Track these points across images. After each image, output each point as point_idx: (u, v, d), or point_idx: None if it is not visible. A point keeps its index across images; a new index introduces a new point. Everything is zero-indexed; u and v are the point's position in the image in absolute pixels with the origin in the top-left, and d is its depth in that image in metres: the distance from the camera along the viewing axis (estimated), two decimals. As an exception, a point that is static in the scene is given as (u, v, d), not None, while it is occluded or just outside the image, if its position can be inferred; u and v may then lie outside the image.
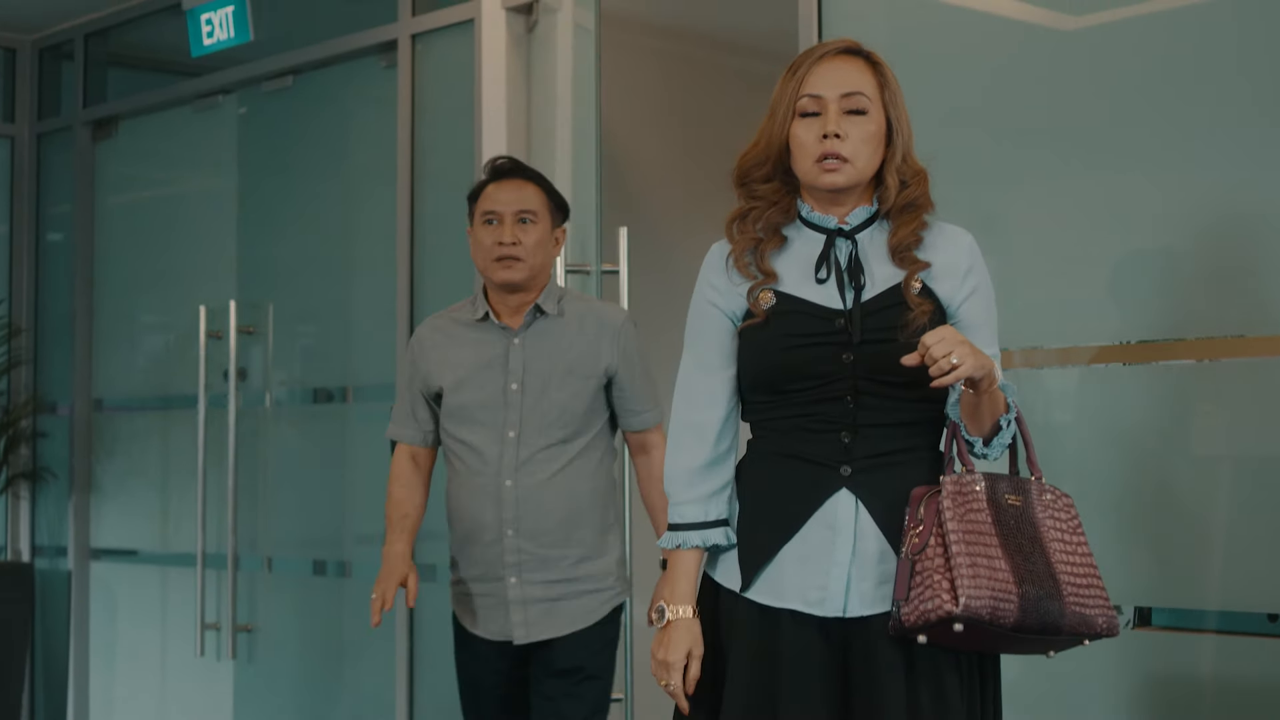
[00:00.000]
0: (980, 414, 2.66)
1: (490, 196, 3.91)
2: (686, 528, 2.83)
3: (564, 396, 3.85)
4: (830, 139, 2.71)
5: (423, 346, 3.99)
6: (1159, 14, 3.67)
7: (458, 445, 3.90)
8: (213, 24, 6.22)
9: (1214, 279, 3.54)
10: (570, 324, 3.89)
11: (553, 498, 3.84)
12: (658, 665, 2.81)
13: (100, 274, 7.02)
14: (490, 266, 3.87)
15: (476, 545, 3.88)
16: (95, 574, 6.99)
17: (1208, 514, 3.58)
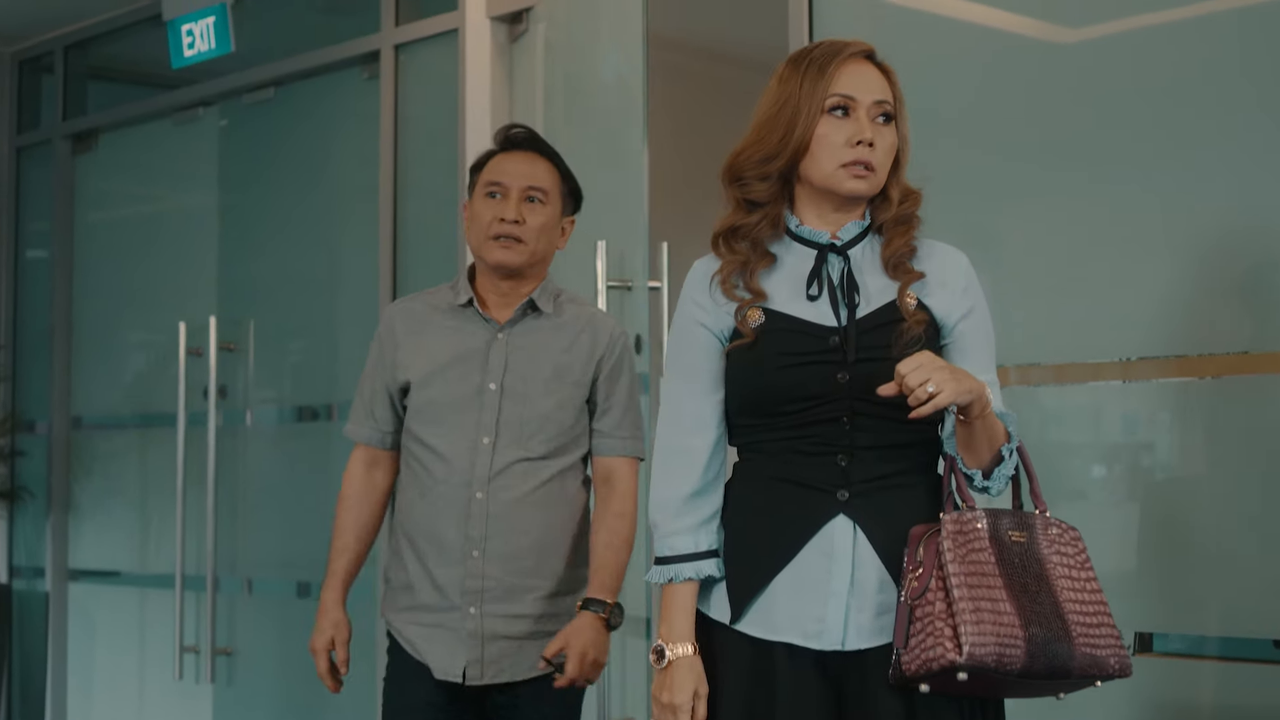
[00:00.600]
0: (976, 444, 2.57)
1: (497, 167, 3.50)
2: (677, 560, 2.70)
3: (548, 404, 3.44)
4: (864, 146, 2.63)
5: (391, 332, 3.54)
6: (1157, 27, 3.63)
7: (421, 449, 3.47)
8: (194, 35, 6.17)
9: (1216, 295, 3.50)
10: (564, 326, 3.50)
11: (528, 518, 3.42)
12: (661, 710, 2.66)
13: (79, 290, 6.99)
14: (486, 245, 3.44)
15: (434, 566, 3.43)
16: (73, 595, 6.94)
17: (1211, 536, 3.51)
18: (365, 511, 3.59)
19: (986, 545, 2.50)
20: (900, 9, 4.09)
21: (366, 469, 3.60)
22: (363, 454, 3.60)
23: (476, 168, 3.55)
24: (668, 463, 2.73)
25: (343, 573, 3.56)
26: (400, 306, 3.59)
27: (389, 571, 3.56)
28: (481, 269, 3.51)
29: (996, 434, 2.57)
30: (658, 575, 2.71)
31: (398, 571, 3.52)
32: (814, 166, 2.65)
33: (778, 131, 2.67)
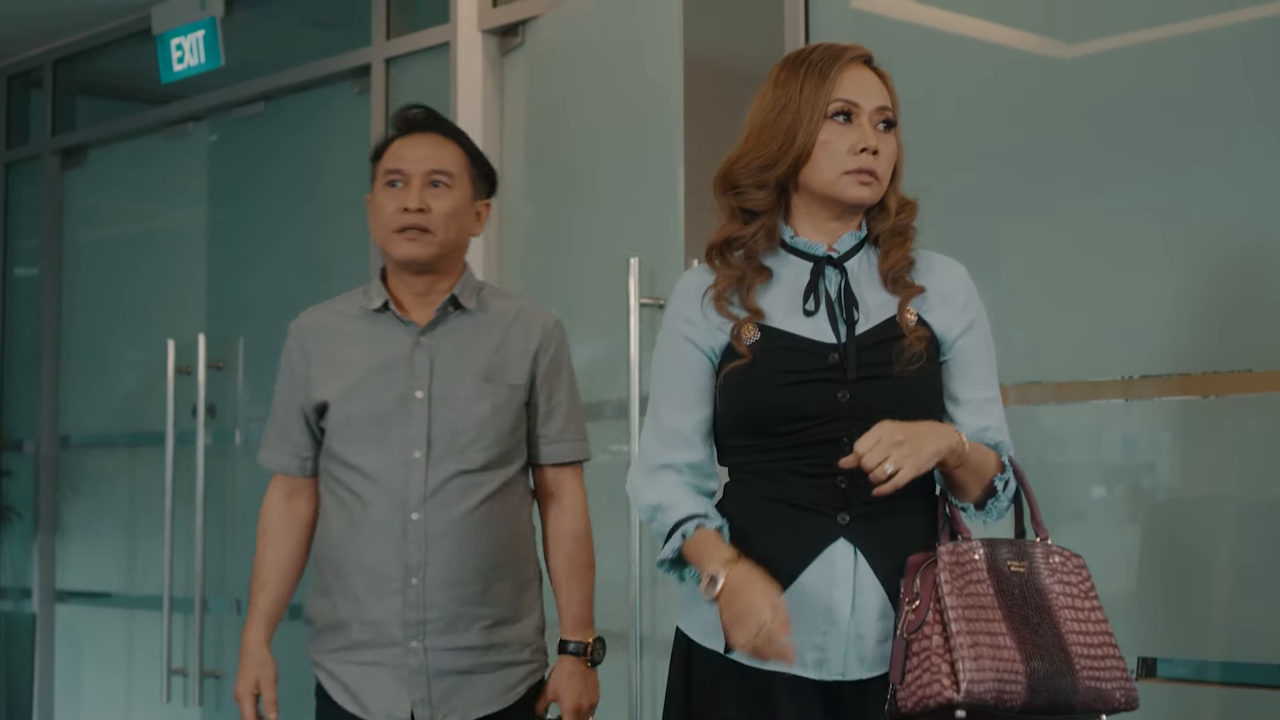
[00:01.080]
0: (961, 485, 2.52)
1: (396, 153, 3.20)
2: (686, 520, 2.56)
3: (482, 411, 3.16)
4: (868, 154, 2.56)
5: (301, 348, 3.24)
6: (1155, 42, 3.60)
7: (345, 471, 3.17)
8: (183, 49, 6.20)
9: (1219, 311, 3.45)
10: (492, 321, 3.22)
11: (472, 539, 3.14)
12: (733, 621, 2.44)
13: (68, 307, 6.99)
14: (390, 239, 3.15)
15: (368, 600, 3.14)
16: (60, 617, 6.93)
17: (1215, 558, 3.46)
18: (288, 545, 3.28)
19: (985, 576, 2.43)
20: (897, 23, 4.05)
21: (286, 499, 3.29)
22: (281, 484, 3.30)
23: (375, 157, 3.27)
24: (654, 479, 2.64)
25: (265, 612, 3.26)
26: (307, 319, 3.30)
27: (313, 611, 3.26)
28: (392, 268, 3.22)
29: (985, 471, 2.52)
30: (669, 550, 2.56)
31: (324, 610, 3.22)
32: (815, 174, 2.58)
33: (777, 138, 2.59)
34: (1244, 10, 3.45)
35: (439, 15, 5.29)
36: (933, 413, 2.56)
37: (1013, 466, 2.55)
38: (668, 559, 2.58)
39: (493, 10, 5.10)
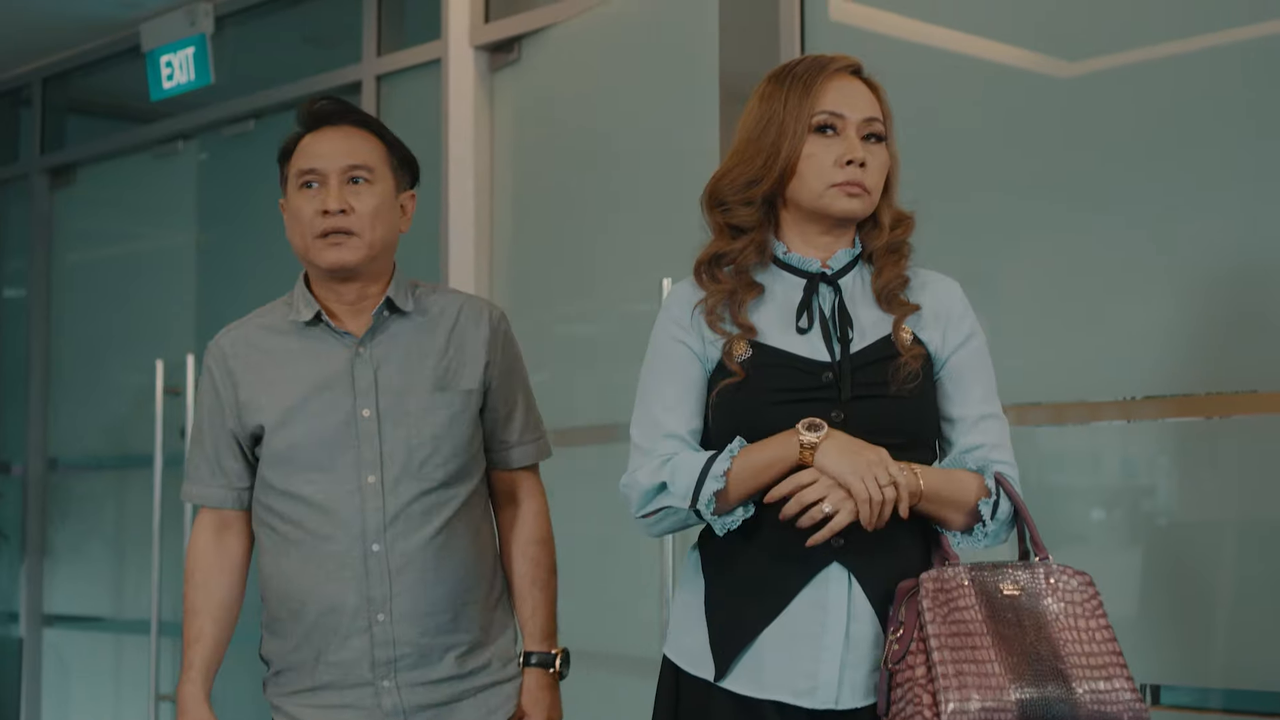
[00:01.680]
0: (936, 516, 2.46)
1: (308, 151, 2.91)
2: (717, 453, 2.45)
3: (437, 422, 2.91)
4: (854, 166, 2.51)
5: (225, 369, 2.94)
6: (1155, 61, 3.58)
7: (291, 505, 2.90)
8: (173, 66, 6.20)
9: (1222, 332, 3.42)
10: (434, 322, 2.97)
11: (438, 566, 2.90)
12: (865, 458, 2.34)
13: (57, 328, 6.98)
14: (313, 246, 2.87)
15: (329, 641, 2.88)
16: (48, 641, 6.91)
17: (1220, 583, 3.42)
18: (221, 588, 2.97)
19: (973, 602, 2.37)
20: (894, 40, 4.03)
21: (217, 535, 2.99)
22: (211, 519, 2.99)
23: (284, 156, 2.97)
24: (654, 465, 2.53)
25: (201, 664, 2.95)
26: (229, 337, 2.99)
27: (268, 651, 3.00)
28: (317, 276, 2.94)
29: (960, 499, 2.46)
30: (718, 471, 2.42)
31: (282, 651, 2.96)
32: (802, 188, 2.53)
33: (762, 153, 2.55)
34: (1241, 29, 3.44)
35: (430, 31, 5.28)
36: (928, 432, 2.52)
37: (1003, 488, 2.49)
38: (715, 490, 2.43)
39: (485, 26, 5.10)
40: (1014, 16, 3.79)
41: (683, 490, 2.46)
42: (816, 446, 2.37)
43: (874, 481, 2.34)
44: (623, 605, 4.55)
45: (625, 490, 2.57)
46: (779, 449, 2.41)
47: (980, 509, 2.46)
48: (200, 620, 2.96)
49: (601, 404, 4.58)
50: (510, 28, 5.02)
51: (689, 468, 2.47)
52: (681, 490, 2.47)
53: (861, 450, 2.36)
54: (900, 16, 4.05)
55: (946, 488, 2.44)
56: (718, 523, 2.47)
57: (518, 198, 5.05)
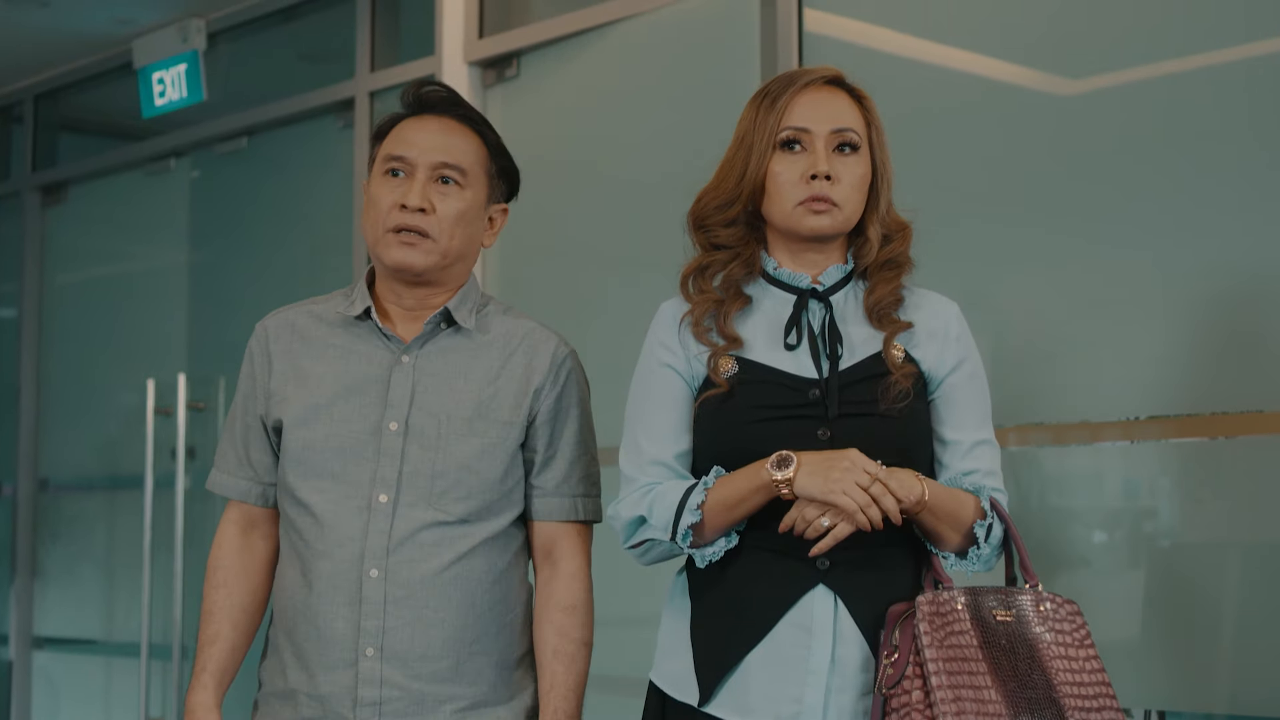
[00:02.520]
0: (934, 533, 2.42)
1: (402, 136, 2.70)
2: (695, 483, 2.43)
3: (469, 450, 2.66)
4: (820, 180, 2.46)
5: (265, 351, 2.75)
6: (1159, 79, 3.56)
7: (297, 511, 2.67)
8: (165, 83, 6.18)
9: (1227, 351, 3.40)
10: (490, 345, 2.73)
11: (441, 603, 2.63)
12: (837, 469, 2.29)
13: (48, 347, 6.97)
14: (382, 240, 2.67)
15: (317, 670, 2.63)
16: (38, 664, 6.86)
17: (1225, 606, 3.40)
18: (243, 589, 2.75)
19: (967, 627, 2.34)
20: (892, 58, 4.02)
21: (243, 533, 2.77)
22: (238, 514, 2.78)
23: (377, 136, 2.74)
24: (637, 497, 2.51)
25: (216, 669, 2.73)
26: (278, 318, 2.78)
27: (262, 672, 2.77)
28: (381, 272, 2.74)
29: (960, 518, 2.42)
30: (692, 505, 2.39)
31: (273, 674, 2.72)
32: (772, 208, 2.51)
33: (734, 173, 2.53)
34: (1243, 47, 3.43)
35: (424, 47, 5.26)
36: (918, 453, 2.47)
37: (996, 511, 2.46)
38: (690, 524, 2.40)
39: (479, 42, 5.08)
40: (1014, 34, 3.78)
41: (662, 524, 2.43)
42: (792, 481, 2.33)
43: (855, 489, 2.29)
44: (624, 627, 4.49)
45: (611, 522, 2.55)
46: (750, 481, 2.37)
47: (975, 531, 2.43)
48: (217, 623, 2.73)
49: (602, 424, 4.52)
50: (504, 43, 5.00)
51: (667, 500, 2.43)
52: (661, 524, 2.43)
53: (832, 464, 2.31)
54: (897, 33, 4.03)
55: (949, 502, 2.41)
56: (698, 555, 2.44)
57: (512, 215, 4.97)
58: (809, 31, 4.13)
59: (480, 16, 5.10)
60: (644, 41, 4.63)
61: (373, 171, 2.71)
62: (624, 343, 2.69)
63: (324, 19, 5.80)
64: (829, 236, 2.50)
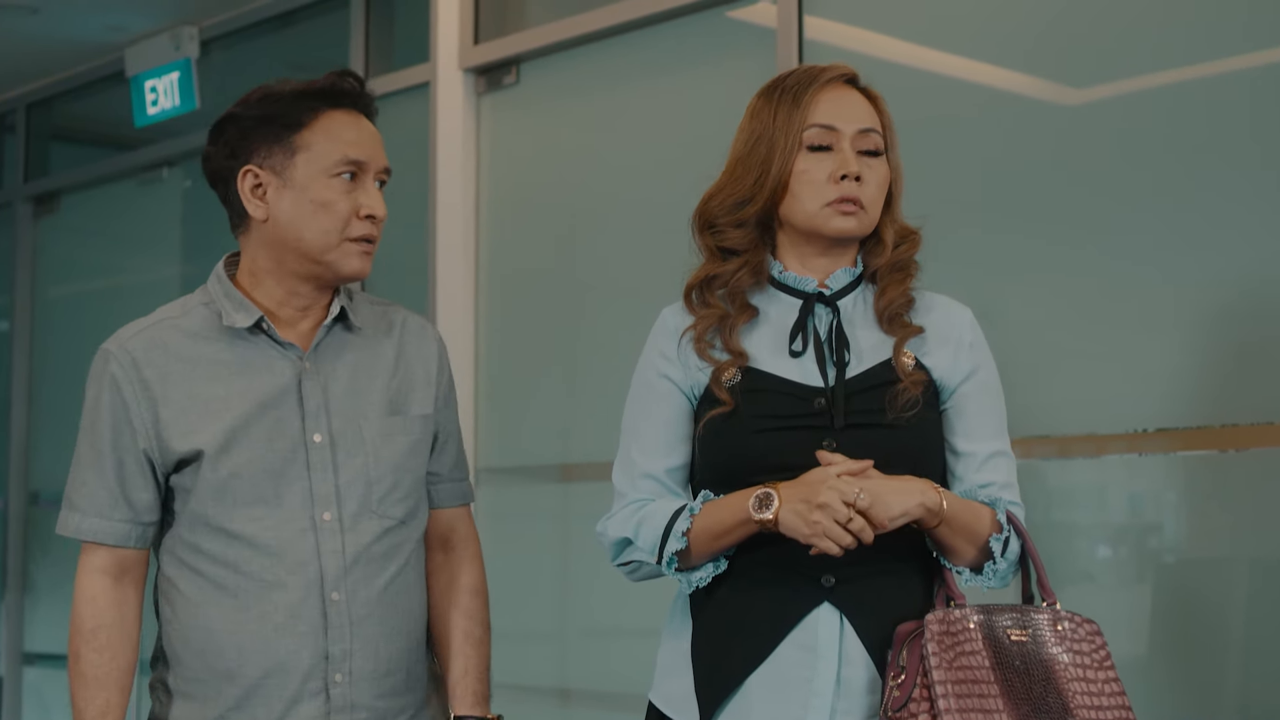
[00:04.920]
0: (949, 546, 2.36)
1: (346, 137, 2.53)
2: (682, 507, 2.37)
3: (397, 450, 2.58)
4: (850, 181, 2.40)
5: (140, 379, 2.52)
6: (1167, 87, 3.54)
7: (227, 545, 2.50)
8: (157, 92, 6.17)
9: (1236, 362, 3.37)
10: (377, 338, 2.63)
11: (395, 616, 2.56)
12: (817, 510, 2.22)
13: (39, 359, 6.98)
14: (342, 248, 2.52)
15: (279, 708, 2.49)
16: (28, 680, 6.86)
17: (1233, 622, 3.37)
18: (127, 651, 2.53)
19: (980, 647, 2.26)
20: (893, 66, 3.99)
21: (116, 583, 2.53)
22: (107, 561, 2.53)
23: (290, 125, 2.53)
24: (625, 515, 2.45)
25: None
26: (139, 340, 2.56)
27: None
28: (288, 274, 2.57)
29: (976, 531, 2.36)
30: (677, 533, 2.34)
31: None
32: (796, 207, 2.43)
33: (752, 172, 2.45)
34: (1251, 56, 3.41)
35: (419, 54, 5.24)
36: (929, 464, 2.40)
37: (1013, 526, 2.39)
38: (676, 550, 2.35)
39: (474, 49, 5.07)
40: (1017, 43, 3.76)
41: (648, 547, 2.38)
42: (774, 521, 2.27)
43: (835, 529, 2.22)
44: (626, 643, 4.51)
45: (600, 539, 2.49)
46: (734, 514, 2.31)
47: (991, 545, 2.36)
48: (108, 691, 2.49)
49: (599, 437, 4.49)
50: (500, 50, 4.98)
51: (653, 523, 2.38)
52: (647, 547, 2.39)
53: (808, 500, 2.24)
54: (898, 41, 4.01)
55: (966, 514, 2.34)
56: (685, 580, 2.39)
57: (507, 223, 5.02)
58: (809, 39, 4.11)
59: (475, 22, 5.08)
60: (649, 50, 4.61)
61: (297, 170, 2.52)
62: (627, 363, 2.63)
63: (317, 26, 5.79)
64: (852, 239, 2.45)
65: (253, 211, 2.54)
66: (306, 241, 2.51)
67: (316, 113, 2.53)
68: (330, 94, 2.55)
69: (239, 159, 2.55)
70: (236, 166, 2.55)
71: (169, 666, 2.56)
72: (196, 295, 2.61)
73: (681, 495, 2.46)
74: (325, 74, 2.59)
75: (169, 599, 2.55)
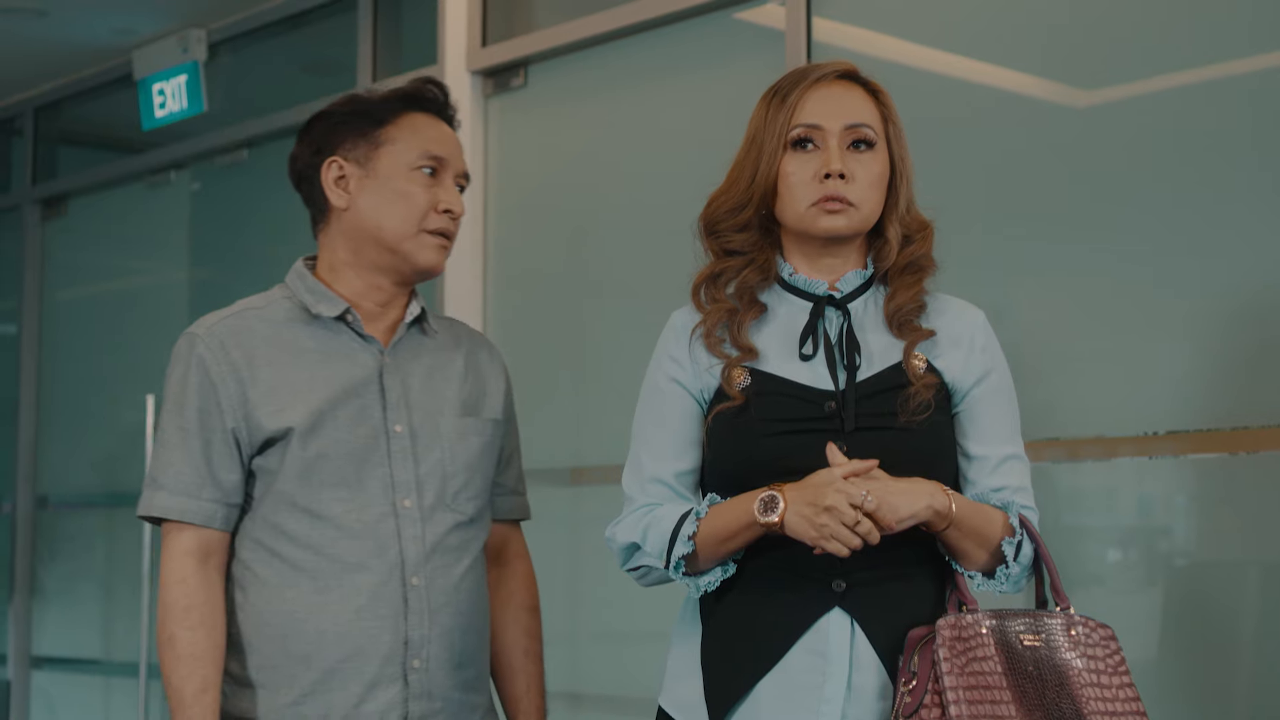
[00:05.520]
0: (960, 549, 2.34)
1: (433, 135, 2.66)
2: (689, 510, 2.36)
3: (471, 450, 2.67)
4: (834, 179, 2.37)
5: (229, 359, 2.57)
6: (1177, 89, 3.53)
7: (312, 527, 2.54)
8: (165, 94, 6.17)
9: (1247, 364, 3.36)
10: (448, 347, 2.73)
11: (469, 609, 2.63)
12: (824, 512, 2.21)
13: (47, 362, 6.96)
14: (421, 240, 2.62)
15: (357, 691, 2.52)
16: (36, 684, 6.85)
17: (1244, 626, 3.36)
18: (220, 629, 2.53)
19: (992, 653, 2.25)
20: (902, 68, 3.98)
21: (202, 565, 2.54)
22: (194, 543, 2.53)
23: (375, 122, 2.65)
24: (634, 519, 2.44)
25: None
26: (225, 325, 2.61)
27: (248, 712, 2.57)
28: (366, 266, 2.65)
29: (987, 535, 2.34)
30: (684, 538, 2.33)
31: (276, 709, 2.56)
32: (786, 209, 2.43)
33: (745, 175, 2.45)
34: (1262, 58, 3.39)
35: (427, 56, 5.23)
36: (941, 468, 2.38)
37: (1026, 529, 2.37)
38: (683, 554, 2.35)
39: (482, 51, 5.06)
40: (1026, 44, 3.74)
41: (656, 552, 2.37)
42: (780, 525, 2.25)
43: (843, 531, 2.21)
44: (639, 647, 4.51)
45: (609, 544, 2.48)
46: (740, 517, 2.30)
47: (1004, 549, 2.34)
48: (205, 668, 2.49)
49: (608, 440, 4.49)
50: (508, 52, 4.97)
51: (661, 527, 2.37)
52: (655, 551, 2.37)
53: (815, 503, 2.23)
54: (907, 42, 4.00)
55: (976, 517, 2.32)
56: (693, 584, 2.37)
57: (516, 225, 5.00)
58: (818, 41, 4.10)
59: (483, 24, 5.07)
60: (657, 52, 4.60)
61: (380, 162, 2.63)
62: (636, 366, 2.64)
63: (325, 29, 5.79)
64: (845, 237, 2.42)
65: (335, 201, 2.63)
66: (386, 231, 2.61)
67: (401, 112, 2.65)
68: (415, 98, 2.68)
69: (324, 152, 2.65)
70: (321, 160, 2.65)
71: (237, 655, 2.57)
72: (275, 290, 2.69)
73: (691, 500, 2.45)
74: (410, 81, 2.72)
75: (242, 584, 2.58)
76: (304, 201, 2.71)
